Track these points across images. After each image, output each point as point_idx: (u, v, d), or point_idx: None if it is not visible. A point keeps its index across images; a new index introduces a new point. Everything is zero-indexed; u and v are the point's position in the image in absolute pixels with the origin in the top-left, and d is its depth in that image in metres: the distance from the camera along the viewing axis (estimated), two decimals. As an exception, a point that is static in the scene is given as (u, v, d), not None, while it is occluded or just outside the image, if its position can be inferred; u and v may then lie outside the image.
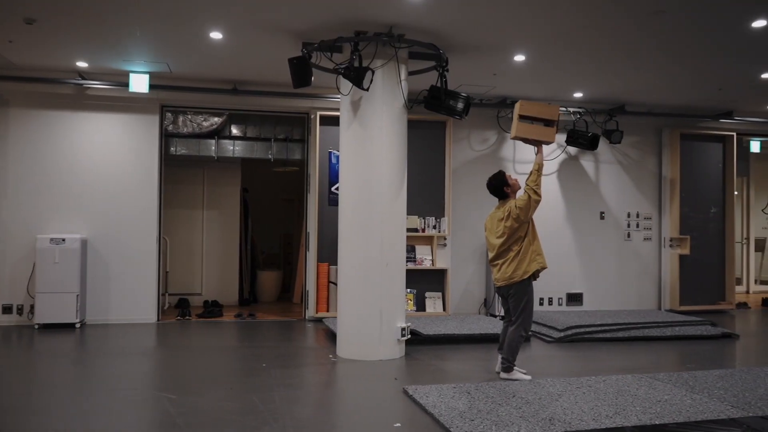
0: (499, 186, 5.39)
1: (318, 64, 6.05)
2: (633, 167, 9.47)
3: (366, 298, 5.85)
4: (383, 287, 5.86)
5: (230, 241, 9.55)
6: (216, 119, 8.41)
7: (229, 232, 9.57)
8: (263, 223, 11.02)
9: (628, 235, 9.41)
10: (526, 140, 5.52)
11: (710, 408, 4.37)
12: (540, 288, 8.89)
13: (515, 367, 5.25)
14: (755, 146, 10.84)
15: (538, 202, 5.12)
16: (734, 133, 9.66)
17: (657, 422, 4.04)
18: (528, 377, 5.20)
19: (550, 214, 9.06)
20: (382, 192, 5.88)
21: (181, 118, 8.34)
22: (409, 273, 7.53)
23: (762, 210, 12.60)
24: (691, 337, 7.23)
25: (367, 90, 5.67)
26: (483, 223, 8.72)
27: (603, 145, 9.05)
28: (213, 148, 8.53)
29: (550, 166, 9.08)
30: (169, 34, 6.07)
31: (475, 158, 8.88)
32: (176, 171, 9.01)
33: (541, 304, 8.91)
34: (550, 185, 9.09)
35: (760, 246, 12.60)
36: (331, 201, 8.10)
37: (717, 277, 9.59)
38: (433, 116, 7.61)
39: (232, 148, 8.60)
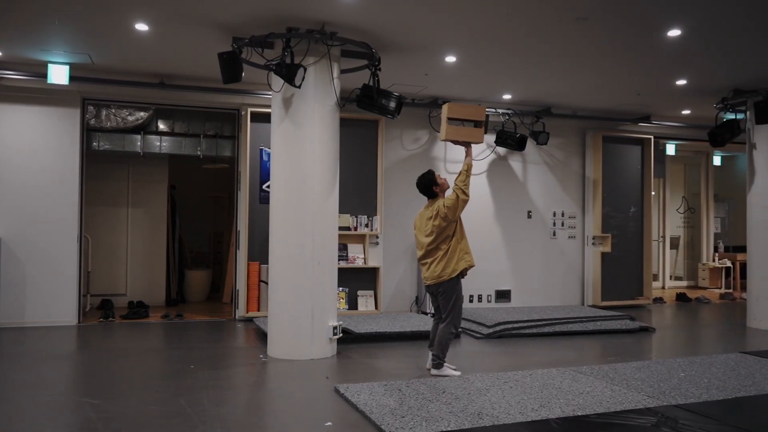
0: (428, 185, 5.44)
1: (249, 59, 5.95)
2: (558, 168, 9.79)
3: (297, 297, 5.80)
4: (315, 286, 5.83)
5: (157, 240, 9.27)
6: (142, 114, 8.14)
7: (156, 231, 9.28)
8: (192, 221, 10.75)
9: (554, 234, 9.73)
10: (455, 142, 5.60)
11: (628, 398, 4.58)
12: (469, 285, 9.07)
13: (445, 364, 5.33)
14: (671, 149, 11.45)
15: (465, 201, 5.21)
16: (652, 137, 10.14)
17: (579, 414, 4.20)
18: (457, 373, 5.29)
19: (480, 213, 9.25)
20: (314, 190, 5.85)
21: (104, 112, 8.01)
22: (341, 271, 7.53)
23: (676, 210, 13.30)
24: (611, 331, 7.55)
25: (299, 87, 5.63)
26: (413, 220, 8.88)
27: (530, 145, 9.31)
28: (139, 143, 8.24)
29: (480, 166, 9.27)
30: (91, 24, 5.82)
31: (407, 157, 8.96)
32: (99, 167, 8.65)
33: (470, 301, 9.09)
34: (479, 185, 9.29)
35: (674, 244, 13.30)
36: (262, 199, 7.99)
37: (636, 273, 10.05)
38: (365, 115, 7.63)
39: (159, 144, 8.34)
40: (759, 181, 8.07)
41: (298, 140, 5.84)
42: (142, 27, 5.81)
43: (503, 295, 9.34)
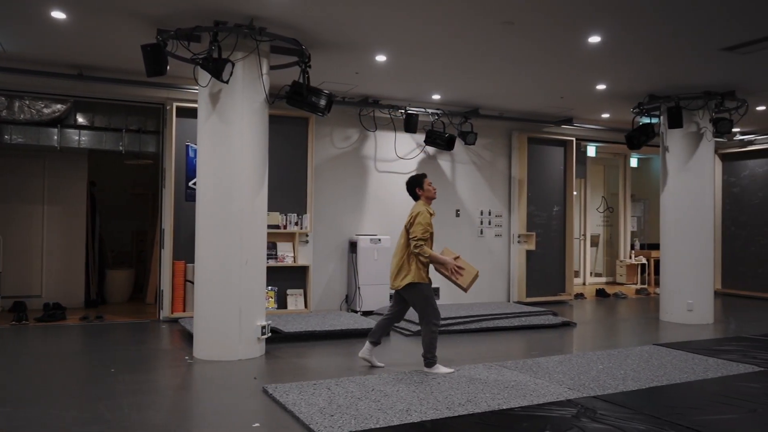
0: (412, 185, 5.61)
1: (174, 52, 5.78)
2: (486, 168, 10.01)
3: (224, 297, 5.69)
4: (243, 285, 5.73)
5: (75, 239, 8.85)
6: (59, 106, 7.75)
7: (74, 229, 8.86)
8: (114, 219, 10.34)
9: (481, 232, 9.95)
10: (461, 268, 5.50)
11: (551, 391, 4.74)
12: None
13: (437, 362, 5.34)
14: (591, 151, 11.92)
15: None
16: (574, 139, 10.53)
17: (504, 407, 4.31)
18: (450, 370, 5.31)
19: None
20: (242, 188, 5.75)
21: (17, 104, 7.58)
22: (270, 270, 7.43)
23: (596, 209, 13.86)
24: (535, 326, 7.79)
25: (227, 82, 5.51)
26: (344, 219, 8.89)
27: (459, 145, 9.48)
28: (55, 137, 7.85)
29: (410, 165, 9.36)
30: (1, 9, 5.49)
31: (338, 155, 8.94)
32: (11, 161, 8.18)
33: (400, 298, 9.15)
34: (409, 183, 9.36)
35: (594, 242, 13.86)
36: (188, 196, 7.78)
37: (558, 270, 10.41)
38: (295, 112, 7.56)
39: (77, 138, 7.97)
40: (671, 182, 8.52)
41: (225, 137, 5.73)
42: (58, 15, 5.53)
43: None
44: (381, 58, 6.77)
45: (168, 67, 5.53)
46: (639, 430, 3.85)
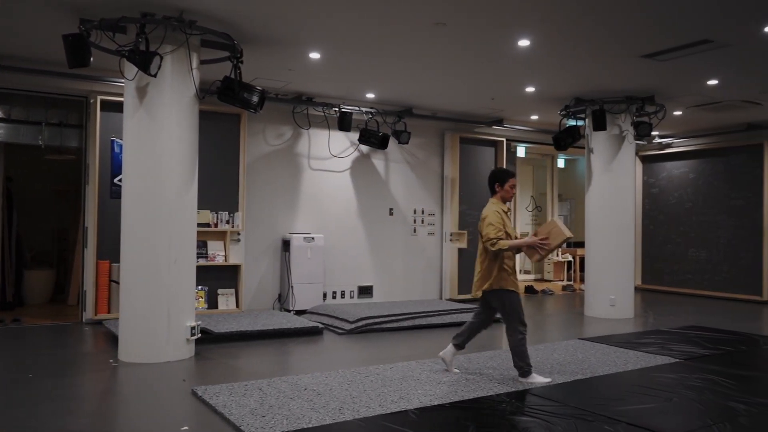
0: (492, 180, 5.33)
1: (98, 43, 5.55)
2: (419, 167, 10.12)
3: (152, 297, 5.51)
4: (171, 285, 5.57)
5: (-11, 237, 8.37)
6: (-29, 97, 7.30)
7: (-11, 227, 8.38)
8: (32, 216, 9.83)
9: (415, 231, 10.05)
10: (547, 237, 4.99)
11: (481, 386, 4.84)
12: (332, 281, 9.14)
13: (532, 371, 5.06)
14: (521, 151, 12.23)
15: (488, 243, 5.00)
16: (504, 139, 10.79)
17: (436, 403, 4.37)
18: (548, 380, 5.02)
19: (343, 210, 9.34)
20: (171, 185, 5.59)
21: (-76, 94, 7.10)
22: (201, 269, 7.26)
23: (526, 208, 14.25)
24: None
25: (155, 76, 5.34)
26: (277, 217, 8.79)
27: (392, 144, 9.54)
28: (-33, 130, 7.40)
29: (343, 164, 9.35)
30: None
31: (271, 153, 8.82)
32: None
33: (333, 297, 9.15)
34: (343, 182, 9.37)
35: (523, 240, 14.21)
36: (113, 193, 7.49)
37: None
38: (227, 108, 7.39)
39: (-8, 131, 7.54)
40: (596, 182, 8.86)
41: (153, 132, 5.55)
42: (-29, 0, 5.22)
43: (365, 291, 9.50)
44: (315, 55, 6.73)
45: (92, 59, 5.31)
46: (564, 421, 3.98)
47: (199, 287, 7.77)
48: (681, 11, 5.27)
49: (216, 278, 8.16)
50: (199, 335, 5.87)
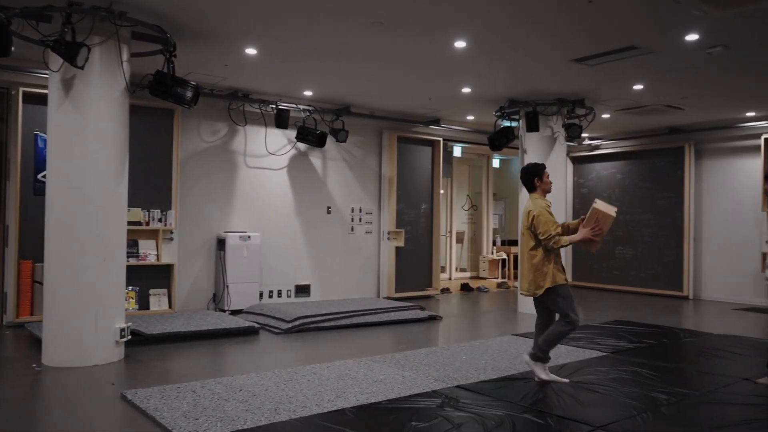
0: (530, 176, 5.04)
1: (20, 32, 5.29)
2: (357, 165, 10.12)
3: (78, 298, 5.30)
4: (99, 285, 5.37)
5: None
6: None
7: None
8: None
9: (352, 229, 10.04)
10: (595, 224, 4.84)
11: (417, 383, 4.89)
12: (269, 281, 9.04)
13: (544, 360, 4.99)
14: (457, 151, 12.45)
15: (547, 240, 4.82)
16: (441, 139, 10.92)
17: (373, 401, 4.39)
18: (547, 378, 4.97)
19: (280, 209, 9.24)
20: (99, 181, 5.38)
21: None
22: (131, 269, 7.04)
23: (462, 207, 14.49)
24: (404, 320, 7.99)
25: (82, 68, 5.13)
26: (212, 215, 8.61)
27: (330, 143, 9.51)
28: None
29: (280, 162, 9.26)
30: None
31: (206, 149, 8.63)
32: None
33: (270, 296, 9.04)
34: (280, 180, 9.27)
35: (460, 238, 14.49)
36: (36, 190, 7.15)
37: (426, 266, 10.75)
38: (160, 103, 7.19)
39: None
40: (529, 182, 9.07)
41: (80, 126, 5.33)
42: None
43: (303, 290, 9.43)
44: (251, 51, 6.63)
45: (13, 48, 5.04)
46: (497, 416, 4.07)
47: (130, 287, 7.53)
48: (609, 18, 5.48)
49: (148, 278, 7.92)
50: (129, 337, 5.69)
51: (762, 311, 9.28)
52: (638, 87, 8.01)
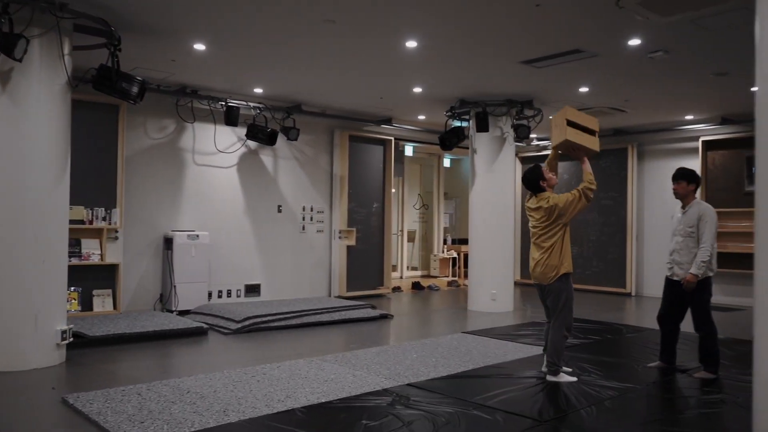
0: (536, 179, 5.12)
1: (-47, 22, 5.05)
2: (308, 164, 10.06)
3: (15, 300, 5.09)
4: (38, 286, 5.18)
5: None
6: None
7: None
8: None
9: (303, 228, 9.98)
10: (572, 147, 5.14)
11: (368, 382, 4.90)
12: (218, 280, 8.90)
13: (561, 369, 5.05)
14: (409, 150, 12.52)
15: (586, 205, 4.99)
16: (393, 138, 10.96)
17: (323, 400, 4.37)
18: (574, 378, 5.02)
19: (230, 207, 9.11)
20: (38, 179, 5.19)
21: None
22: (73, 269, 6.82)
23: (413, 206, 14.58)
24: (355, 319, 7.99)
25: (20, 61, 4.93)
26: (159, 214, 8.42)
27: (281, 141, 9.42)
28: None
29: (230, 160, 9.12)
30: None
31: (152, 146, 8.43)
32: None
33: (219, 296, 8.90)
34: (230, 178, 9.13)
35: (411, 237, 14.57)
36: (-29, 187, 6.84)
37: (377, 265, 10.78)
38: (104, 98, 6.97)
39: None
40: (479, 182, 9.22)
41: (18, 121, 5.12)
42: None
43: (253, 290, 9.32)
44: (200, 46, 6.50)
45: (-55, 39, 4.82)
46: (447, 412, 4.12)
47: (72, 288, 7.29)
48: (555, 22, 5.60)
49: (91, 278, 7.69)
50: (71, 339, 5.50)
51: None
52: (584, 89, 8.22)
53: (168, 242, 8.32)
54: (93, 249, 7.68)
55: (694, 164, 10.36)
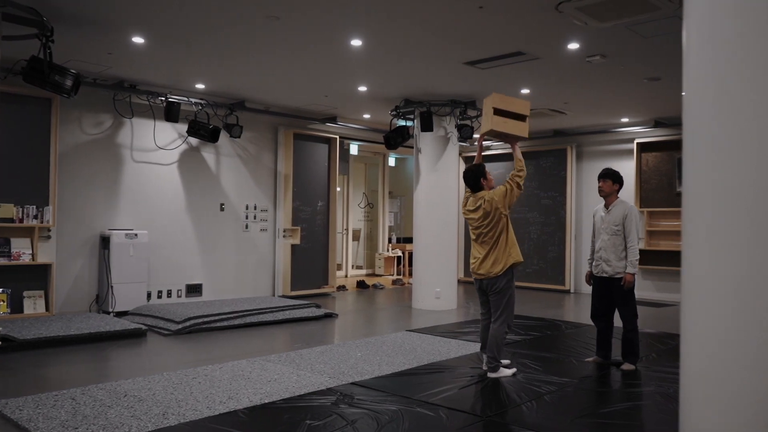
0: (477, 177, 5.22)
1: None
2: (252, 162, 9.92)
3: (-61, 303, 4.83)
4: (-36, 288, 4.93)
5: None
6: None
7: None
8: None
9: (247, 227, 9.83)
10: (498, 135, 5.26)
11: (312, 381, 4.87)
12: (158, 280, 8.67)
13: (501, 364, 5.15)
14: (354, 149, 12.50)
15: (519, 195, 5.13)
16: (338, 137, 10.93)
17: (266, 401, 4.32)
18: (513, 370, 5.20)
19: (170, 205, 8.89)
20: (-35, 175, 4.94)
21: None
22: (2, 270, 6.53)
23: (358, 205, 14.57)
24: (300, 319, 7.94)
25: (-56, 50, 4.68)
26: (95, 212, 8.14)
27: (224, 138, 9.26)
28: None
29: (171, 156, 8.90)
30: None
31: (88, 142, 8.13)
32: None
33: (159, 297, 8.68)
34: (170, 175, 8.91)
35: (356, 236, 14.56)
36: None
37: (322, 263, 10.73)
38: (36, 91, 6.71)
39: None
40: (423, 181, 9.29)
41: (-59, 114, 4.86)
42: None
43: (194, 290, 9.12)
44: (138, 39, 6.31)
45: None
46: (391, 410, 4.14)
47: (1, 290, 6.97)
48: (498, 24, 5.70)
49: (21, 279, 7.36)
50: (0, 344, 5.25)
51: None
52: (525, 91, 8.40)
53: (105, 241, 8.05)
54: (23, 248, 7.36)
55: (629, 165, 10.74)
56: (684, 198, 2.32)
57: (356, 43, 6.31)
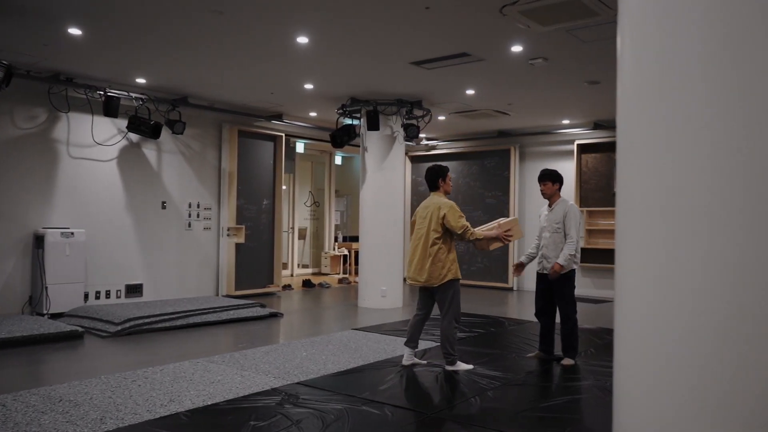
0: (435, 176, 5.34)
1: None
2: (195, 159, 9.71)
3: None
4: None
5: None
6: None
7: None
8: None
9: (189, 225, 9.63)
10: (510, 231, 5.54)
11: (257, 382, 4.81)
12: (96, 281, 8.40)
13: (457, 358, 5.31)
14: (300, 147, 12.41)
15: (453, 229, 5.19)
16: (283, 134, 10.82)
17: (209, 403, 4.24)
18: (470, 366, 5.29)
19: (110, 203, 8.62)
20: None
21: None
22: (-74, 271, 6.19)
23: (304, 203, 14.48)
24: (244, 318, 7.82)
25: None
26: (28, 210, 7.81)
27: (166, 134, 9.03)
28: None
29: (110, 153, 8.63)
30: None
31: (21, 137, 7.80)
32: None
33: (97, 297, 8.40)
34: (109, 172, 8.64)
35: (302, 235, 14.46)
36: None
37: (267, 263, 10.61)
38: (-37, 83, 6.38)
39: None
40: (369, 179, 9.31)
41: None
42: None
43: (134, 290, 8.87)
44: (75, 31, 6.08)
45: None
46: (336, 409, 4.13)
47: (-76, 291, 6.61)
48: (444, 25, 5.76)
49: (-53, 280, 7.01)
50: (-77, 348, 4.99)
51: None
52: (470, 92, 8.52)
53: (39, 240, 7.74)
54: (-50, 248, 6.99)
55: (570, 166, 11.03)
56: (617, 198, 2.41)
57: (302, 40, 6.26)
